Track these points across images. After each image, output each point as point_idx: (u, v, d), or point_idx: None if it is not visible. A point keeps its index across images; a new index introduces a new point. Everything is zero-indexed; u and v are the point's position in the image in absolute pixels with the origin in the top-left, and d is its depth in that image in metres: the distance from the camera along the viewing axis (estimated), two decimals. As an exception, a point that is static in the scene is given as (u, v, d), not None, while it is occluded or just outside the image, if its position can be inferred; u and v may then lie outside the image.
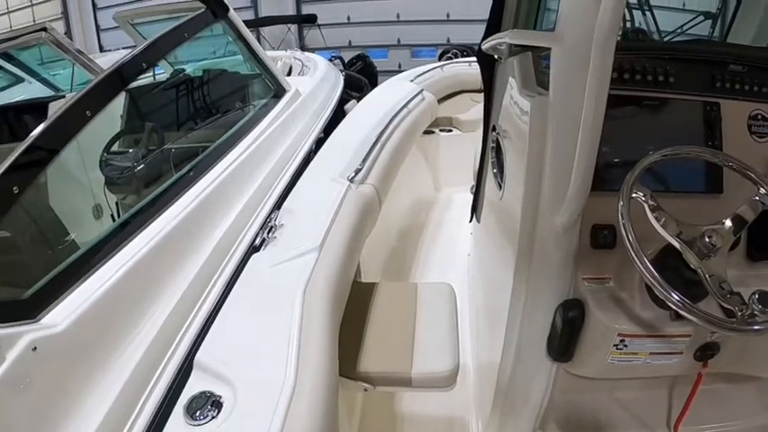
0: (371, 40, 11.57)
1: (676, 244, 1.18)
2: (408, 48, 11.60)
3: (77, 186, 2.25)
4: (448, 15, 11.14)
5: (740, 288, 1.18)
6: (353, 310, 1.78)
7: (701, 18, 3.15)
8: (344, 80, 4.35)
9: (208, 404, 1.14)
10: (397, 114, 2.88)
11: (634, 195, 1.21)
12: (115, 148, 2.51)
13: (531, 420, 1.68)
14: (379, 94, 3.49)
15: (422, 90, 3.59)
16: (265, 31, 11.27)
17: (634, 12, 2.81)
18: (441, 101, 4.08)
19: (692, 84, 1.50)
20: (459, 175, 3.75)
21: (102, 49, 12.03)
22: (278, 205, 2.01)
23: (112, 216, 2.30)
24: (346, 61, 9.29)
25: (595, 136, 1.11)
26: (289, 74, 4.85)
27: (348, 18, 11.80)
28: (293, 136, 2.74)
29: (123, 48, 7.75)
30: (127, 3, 11.50)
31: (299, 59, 5.03)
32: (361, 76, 7.18)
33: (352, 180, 2.04)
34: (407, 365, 1.62)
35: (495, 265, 1.88)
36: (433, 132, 4.06)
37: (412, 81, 3.87)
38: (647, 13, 2.85)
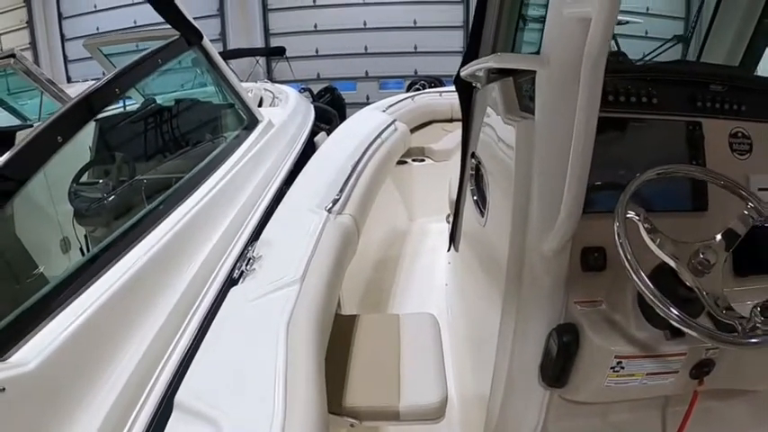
0: (340, 72, 11.67)
1: (672, 263, 1.19)
2: (376, 80, 11.74)
3: (45, 218, 2.18)
4: (415, 48, 11.34)
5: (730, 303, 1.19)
6: (336, 343, 1.74)
7: (675, 42, 3.29)
8: (320, 114, 4.37)
9: None
10: (371, 144, 2.88)
11: (629, 215, 1.21)
12: (84, 179, 2.44)
13: None
14: (353, 125, 3.49)
15: (394, 120, 3.61)
16: (233, 63, 11.29)
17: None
18: (413, 131, 4.10)
19: (674, 104, 1.54)
20: (432, 204, 3.76)
21: (69, 80, 11.88)
22: (255, 237, 1.97)
23: (81, 250, 2.23)
24: (315, 93, 9.35)
25: (586, 159, 1.12)
26: (260, 105, 4.84)
27: (316, 51, 11.90)
28: (267, 167, 2.71)
29: (92, 79, 7.67)
30: (96, 34, 11.41)
31: (270, 91, 5.03)
32: (330, 108, 7.22)
33: (330, 210, 2.02)
34: (395, 399, 1.59)
35: (478, 294, 1.87)
36: (406, 162, 4.07)
37: (384, 111, 3.89)
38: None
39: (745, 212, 1.27)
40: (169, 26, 2.56)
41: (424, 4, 11.35)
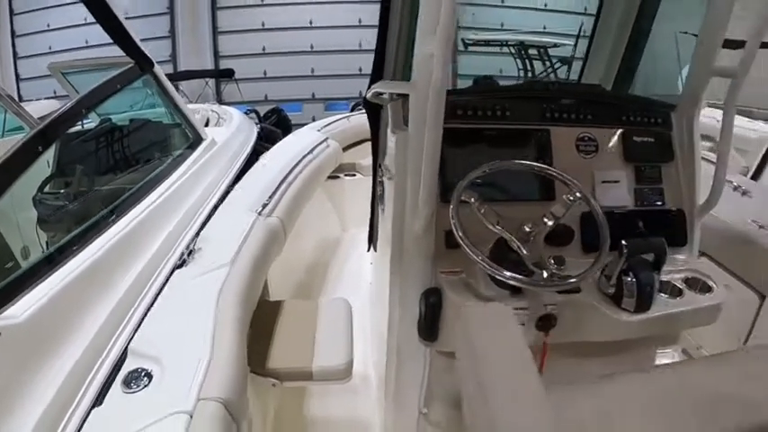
0: (287, 94, 12.08)
1: (497, 231, 1.61)
2: (322, 101, 12.15)
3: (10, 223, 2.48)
4: (360, 70, 11.81)
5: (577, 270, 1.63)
6: (263, 321, 2.13)
7: (559, 64, 3.89)
8: (261, 133, 4.73)
9: (141, 376, 1.43)
10: (302, 159, 3.31)
11: (464, 199, 1.62)
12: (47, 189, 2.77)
13: (416, 402, 2.03)
14: (288, 143, 3.92)
15: (326, 138, 4.05)
16: (183, 84, 11.52)
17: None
18: (347, 148, 4.51)
19: (525, 116, 1.97)
20: (364, 216, 4.17)
21: (21, 99, 11.86)
22: (197, 234, 2.36)
23: (48, 245, 2.55)
24: (262, 115, 9.66)
25: (436, 158, 1.54)
26: (206, 125, 5.20)
27: (264, 73, 12.26)
28: (209, 180, 3.08)
29: (45, 98, 7.82)
30: (48, 53, 11.48)
31: (216, 112, 5.40)
32: (276, 129, 7.59)
33: (260, 213, 2.44)
34: (309, 362, 1.96)
35: (385, 283, 2.21)
36: (339, 177, 4.50)
37: (319, 131, 4.32)
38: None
39: (564, 197, 1.69)
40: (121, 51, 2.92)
41: (370, 28, 11.86)
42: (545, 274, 1.58)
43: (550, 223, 1.66)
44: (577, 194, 1.68)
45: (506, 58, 9.93)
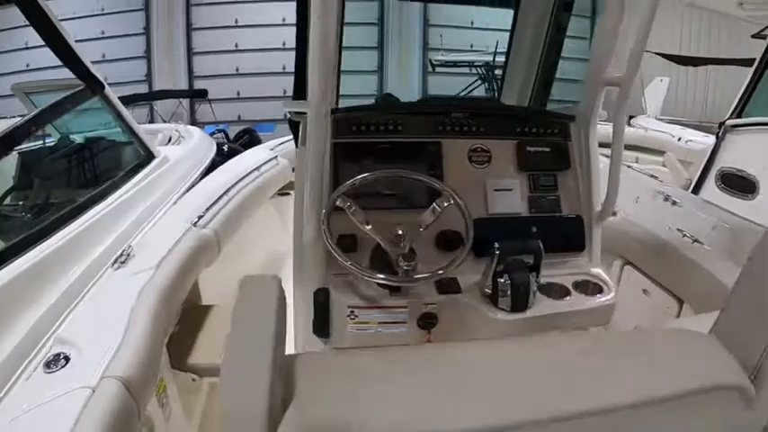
0: (260, 114, 12.18)
1: (366, 230, 1.74)
2: (296, 122, 12.30)
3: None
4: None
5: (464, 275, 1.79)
6: (190, 322, 2.33)
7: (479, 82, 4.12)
8: (226, 152, 4.86)
9: (60, 359, 1.61)
10: (247, 176, 3.52)
11: (339, 206, 1.75)
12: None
13: None
14: (236, 161, 4.13)
15: (276, 156, 4.28)
16: (158, 103, 11.73)
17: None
18: None
19: (418, 130, 2.07)
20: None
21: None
22: (134, 241, 2.57)
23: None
24: (234, 135, 9.86)
25: (319, 170, 1.74)
26: (169, 142, 5.42)
27: (238, 93, 12.46)
28: (157, 196, 3.29)
29: (12, 116, 7.97)
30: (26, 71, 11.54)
31: (179, 131, 5.61)
32: (241, 149, 7.77)
33: (195, 224, 2.66)
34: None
35: None
36: (289, 194, 4.73)
37: (271, 149, 4.51)
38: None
39: (434, 205, 1.77)
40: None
41: (349, 50, 12.11)
42: (402, 272, 1.69)
43: (421, 229, 1.78)
44: (451, 201, 1.79)
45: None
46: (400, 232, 1.74)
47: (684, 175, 3.99)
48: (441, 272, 1.76)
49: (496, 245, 1.79)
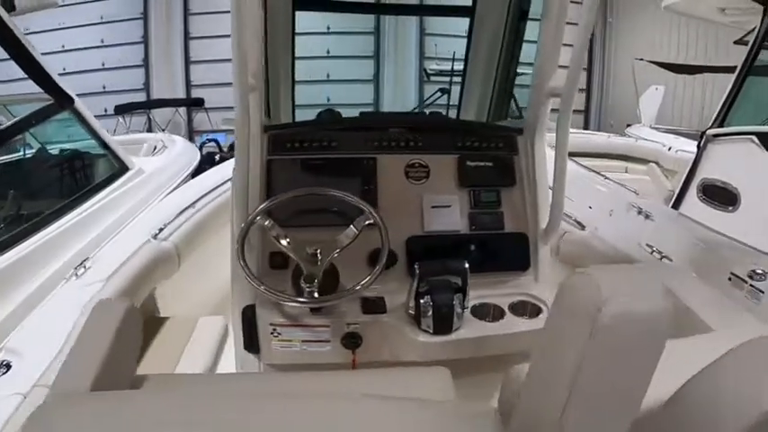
0: (258, 122, 12.18)
1: (283, 247, 1.72)
2: (293, 130, 12.28)
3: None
4: (328, 100, 12.02)
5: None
6: (145, 334, 2.28)
7: (439, 94, 4.06)
8: (221, 162, 4.84)
9: (1, 366, 1.65)
10: (216, 188, 3.47)
11: (258, 221, 1.73)
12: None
13: None
14: (209, 173, 4.06)
15: None
16: (156, 112, 11.74)
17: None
18: None
19: (353, 146, 2.04)
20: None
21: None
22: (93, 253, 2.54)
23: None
24: (229, 145, 9.75)
25: (245, 188, 1.74)
26: (153, 152, 5.39)
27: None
28: (126, 207, 3.25)
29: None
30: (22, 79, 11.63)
31: (163, 141, 5.58)
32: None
33: (155, 237, 2.62)
34: (170, 370, 2.16)
35: None
36: None
37: (249, 161, 4.50)
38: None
39: (356, 221, 1.75)
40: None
41: (340, 59, 12.09)
42: (306, 293, 1.67)
43: (337, 250, 1.74)
44: (370, 218, 1.76)
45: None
46: (317, 251, 1.70)
47: (667, 186, 3.90)
48: (349, 291, 1.71)
49: (416, 264, 1.75)
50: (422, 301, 1.73)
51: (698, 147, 2.94)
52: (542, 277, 2.06)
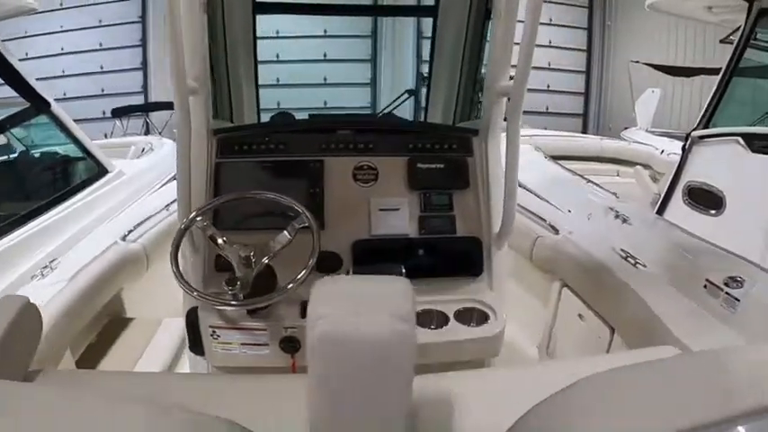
0: (256, 125, 12.15)
1: (217, 248, 1.69)
2: (289, 132, 12.25)
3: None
4: (326, 103, 11.99)
5: None
6: (110, 334, 2.40)
7: (407, 95, 4.01)
8: None
9: None
10: None
11: (198, 224, 1.70)
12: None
13: None
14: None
15: None
16: (153, 115, 11.75)
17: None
18: None
19: (301, 149, 2.00)
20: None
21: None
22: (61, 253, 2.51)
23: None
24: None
25: (187, 190, 1.72)
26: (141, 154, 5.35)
27: (278, 104, 12.30)
28: (103, 209, 3.20)
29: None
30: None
31: (151, 143, 5.54)
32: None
33: (124, 239, 2.58)
34: (131, 365, 2.18)
35: None
36: None
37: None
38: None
39: (292, 223, 1.68)
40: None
41: (338, 63, 12.14)
42: (229, 296, 1.63)
43: (267, 256, 1.68)
44: (304, 223, 1.70)
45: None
46: (250, 253, 1.65)
47: (653, 189, 3.79)
48: (278, 293, 1.66)
49: (350, 269, 1.76)
50: None
51: (683, 149, 2.87)
52: (497, 283, 1.99)
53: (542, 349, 2.65)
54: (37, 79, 3.13)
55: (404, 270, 1.74)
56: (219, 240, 1.69)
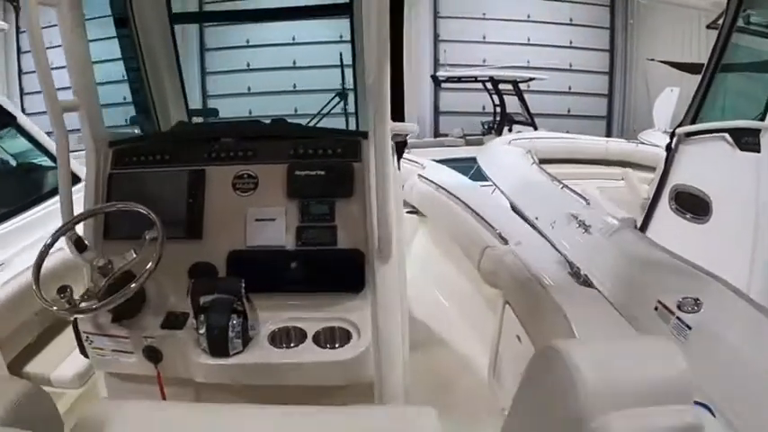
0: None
1: (81, 262, 1.70)
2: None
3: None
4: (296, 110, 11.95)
5: None
6: (53, 333, 2.44)
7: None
8: None
9: None
10: None
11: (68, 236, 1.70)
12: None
13: None
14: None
15: None
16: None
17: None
18: None
19: (184, 158, 1.95)
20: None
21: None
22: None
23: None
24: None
25: (67, 202, 1.78)
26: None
27: (250, 112, 12.52)
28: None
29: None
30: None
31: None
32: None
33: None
34: (51, 370, 2.21)
35: None
36: None
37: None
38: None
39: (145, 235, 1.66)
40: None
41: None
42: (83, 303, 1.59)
43: (130, 258, 1.66)
44: (154, 234, 1.66)
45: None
46: (108, 263, 1.64)
47: (642, 194, 3.51)
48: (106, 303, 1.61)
49: (191, 282, 1.72)
50: (200, 319, 1.65)
51: (667, 148, 2.62)
52: (382, 300, 1.79)
53: (490, 369, 2.44)
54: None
55: (243, 283, 1.67)
56: (85, 252, 1.73)
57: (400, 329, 1.82)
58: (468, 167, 5.48)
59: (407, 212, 4.03)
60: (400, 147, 2.22)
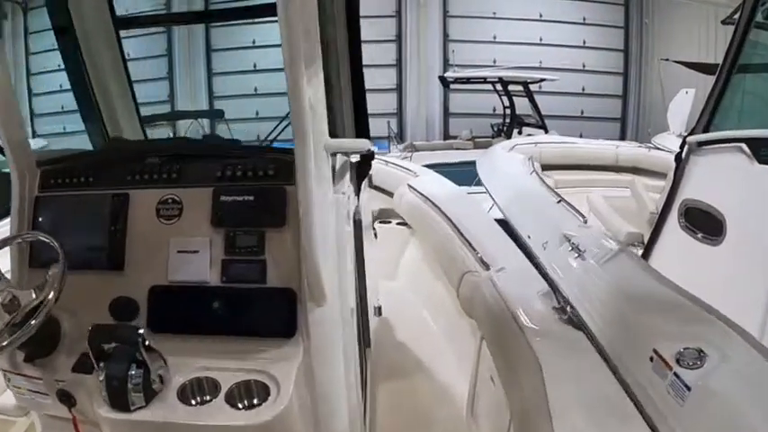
0: (283, 134, 12.17)
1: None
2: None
3: None
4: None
5: None
6: None
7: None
8: None
9: None
10: None
11: None
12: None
13: None
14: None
15: None
16: (180, 122, 11.90)
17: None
18: None
19: (108, 180, 1.72)
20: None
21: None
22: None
23: None
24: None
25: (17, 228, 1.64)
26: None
27: (257, 113, 12.44)
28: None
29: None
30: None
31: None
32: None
33: None
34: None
35: None
36: None
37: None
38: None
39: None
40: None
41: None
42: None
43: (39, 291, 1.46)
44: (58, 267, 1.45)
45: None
46: (13, 297, 1.44)
47: (650, 205, 3.19)
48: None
49: (90, 328, 1.50)
50: (101, 367, 1.46)
51: (676, 158, 2.34)
52: (317, 347, 1.56)
53: (468, 406, 2.19)
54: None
55: (141, 330, 1.45)
56: None
57: (344, 381, 1.58)
58: (471, 172, 5.26)
59: (398, 224, 3.85)
60: (362, 166, 1.99)
